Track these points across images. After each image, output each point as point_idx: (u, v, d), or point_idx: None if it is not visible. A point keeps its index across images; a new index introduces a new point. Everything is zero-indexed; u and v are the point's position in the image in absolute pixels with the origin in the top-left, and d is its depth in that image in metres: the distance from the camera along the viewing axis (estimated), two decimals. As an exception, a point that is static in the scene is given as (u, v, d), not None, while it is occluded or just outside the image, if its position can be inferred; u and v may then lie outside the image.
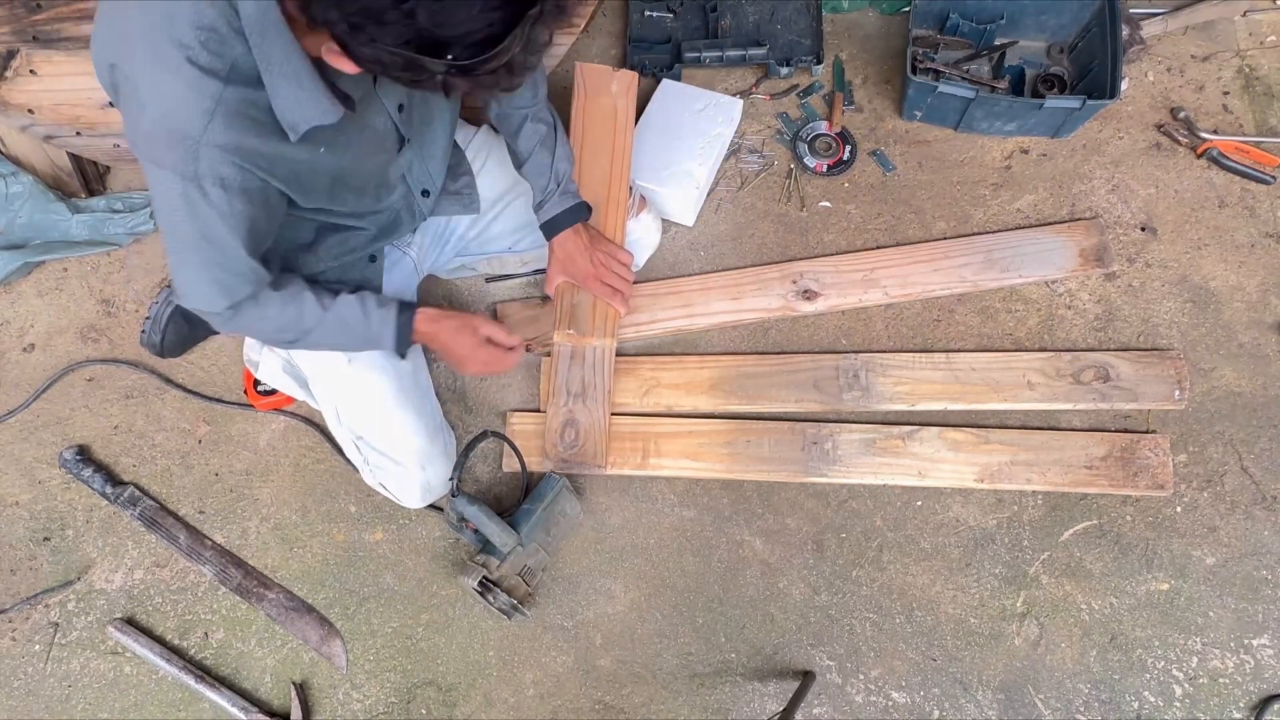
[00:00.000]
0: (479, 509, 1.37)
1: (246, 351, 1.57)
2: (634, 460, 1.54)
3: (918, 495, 1.53)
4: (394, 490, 1.47)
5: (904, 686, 1.43)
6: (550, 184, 1.42)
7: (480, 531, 1.39)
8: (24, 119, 1.60)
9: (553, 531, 1.47)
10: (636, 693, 1.46)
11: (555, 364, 1.56)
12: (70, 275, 1.79)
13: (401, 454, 1.43)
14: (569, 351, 1.56)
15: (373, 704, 1.47)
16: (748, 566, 1.51)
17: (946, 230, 1.71)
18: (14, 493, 1.63)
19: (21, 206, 1.74)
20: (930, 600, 1.47)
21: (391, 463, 1.44)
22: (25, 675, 1.51)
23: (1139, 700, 1.40)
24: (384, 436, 1.43)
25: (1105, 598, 1.45)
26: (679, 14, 1.90)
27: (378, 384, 1.41)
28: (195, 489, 1.61)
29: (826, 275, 1.67)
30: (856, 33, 1.90)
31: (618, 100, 1.60)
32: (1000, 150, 1.77)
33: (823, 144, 1.79)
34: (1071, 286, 1.65)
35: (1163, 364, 1.56)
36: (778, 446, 1.54)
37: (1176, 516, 1.49)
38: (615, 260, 1.52)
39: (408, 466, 1.44)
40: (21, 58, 1.56)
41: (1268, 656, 1.41)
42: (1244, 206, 1.69)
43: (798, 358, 1.61)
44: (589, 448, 1.52)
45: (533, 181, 1.44)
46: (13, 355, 1.73)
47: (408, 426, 1.43)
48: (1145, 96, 1.79)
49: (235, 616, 1.53)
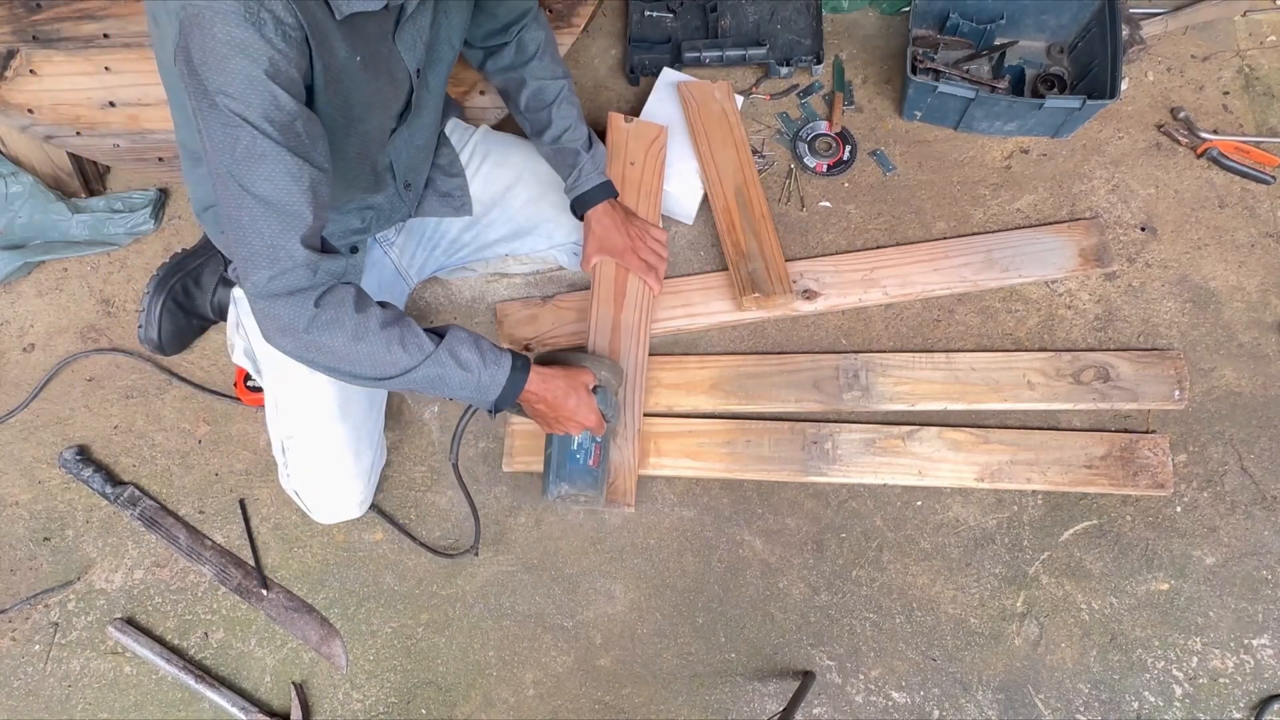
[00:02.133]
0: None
1: (228, 334, 1.49)
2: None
3: (918, 495, 1.53)
4: (306, 502, 1.44)
5: (904, 686, 1.43)
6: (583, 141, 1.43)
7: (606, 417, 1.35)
8: (24, 119, 1.60)
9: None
10: (636, 693, 1.46)
11: None
12: (70, 275, 1.79)
13: (323, 470, 1.39)
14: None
15: (373, 704, 1.47)
16: (748, 566, 1.51)
17: (946, 230, 1.71)
18: (14, 493, 1.63)
19: (21, 206, 1.74)
20: (930, 600, 1.47)
21: (311, 475, 1.40)
22: (25, 675, 1.51)
23: (1139, 700, 1.40)
24: (313, 444, 1.38)
25: (1105, 598, 1.45)
26: (679, 14, 1.90)
27: (325, 389, 1.35)
28: (195, 489, 1.61)
29: (826, 275, 1.67)
30: (856, 33, 1.90)
31: (724, 104, 1.74)
32: (1000, 150, 1.77)
33: (823, 144, 1.79)
34: (1071, 286, 1.65)
35: (1163, 364, 1.56)
36: (778, 446, 1.54)
37: (1176, 516, 1.49)
38: (649, 236, 1.53)
39: (326, 483, 1.40)
40: (21, 58, 1.56)
41: (1268, 656, 1.41)
42: (1244, 206, 1.69)
43: (798, 358, 1.61)
44: (619, 485, 1.50)
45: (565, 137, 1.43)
46: (13, 355, 1.73)
47: (340, 440, 1.38)
48: (1145, 96, 1.79)
49: (235, 616, 1.53)
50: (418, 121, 1.28)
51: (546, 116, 1.43)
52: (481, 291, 1.72)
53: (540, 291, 1.71)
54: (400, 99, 1.20)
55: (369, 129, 1.18)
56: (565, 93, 1.44)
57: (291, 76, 0.95)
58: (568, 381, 1.26)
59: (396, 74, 1.14)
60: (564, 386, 1.25)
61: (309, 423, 1.37)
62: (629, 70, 1.87)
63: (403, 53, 1.13)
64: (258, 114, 0.93)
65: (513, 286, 1.71)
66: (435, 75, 1.25)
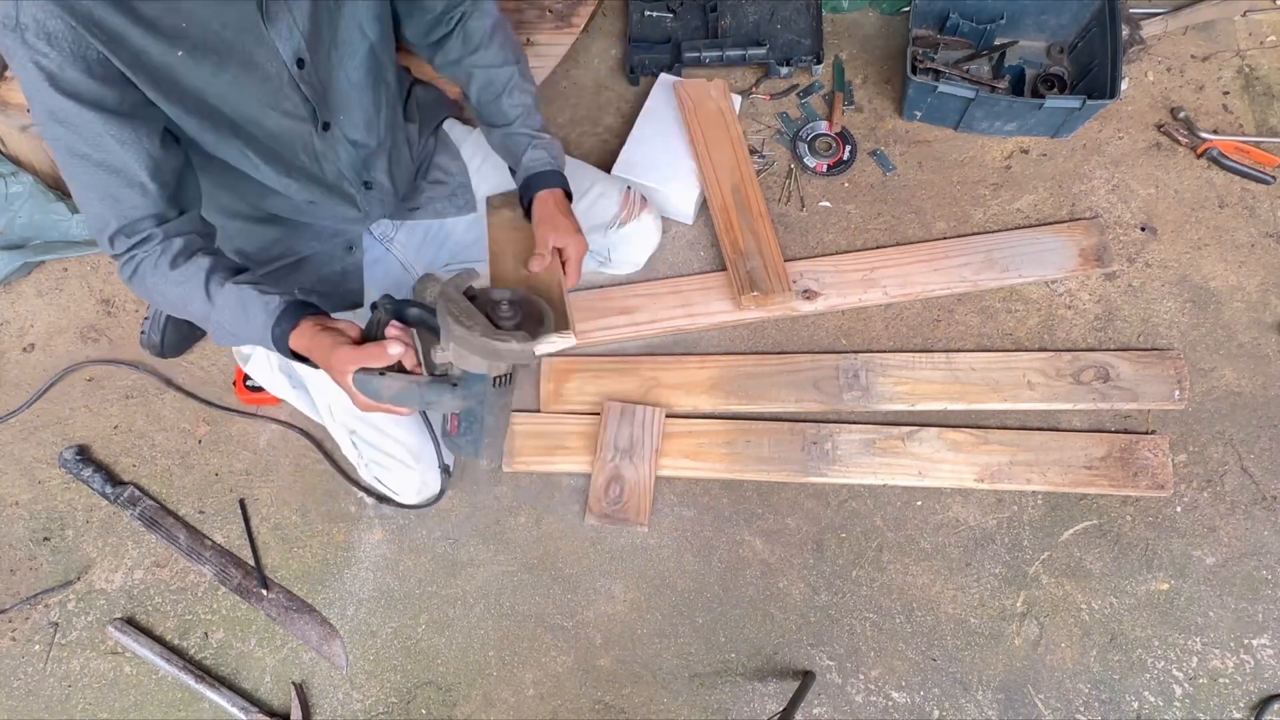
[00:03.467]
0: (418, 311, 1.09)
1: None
2: (634, 460, 1.55)
3: (918, 495, 1.53)
4: (390, 485, 1.47)
5: (904, 686, 1.43)
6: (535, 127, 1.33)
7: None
8: (24, 119, 1.60)
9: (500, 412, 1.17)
10: (636, 693, 1.46)
11: (605, 420, 1.56)
12: (70, 275, 1.79)
13: (395, 448, 1.42)
14: (619, 410, 1.56)
15: (373, 704, 1.47)
16: (748, 566, 1.51)
17: (946, 230, 1.71)
18: (14, 493, 1.63)
19: (21, 206, 1.74)
20: (930, 600, 1.47)
21: (386, 456, 1.43)
22: (25, 675, 1.51)
23: (1139, 700, 1.40)
24: (377, 431, 1.41)
25: (1105, 598, 1.45)
26: (679, 14, 1.90)
27: None
28: (195, 489, 1.61)
29: (826, 275, 1.67)
30: (856, 33, 1.90)
31: (720, 102, 1.74)
32: (1000, 150, 1.77)
33: (823, 144, 1.79)
34: (1071, 286, 1.65)
35: (1163, 364, 1.56)
36: (778, 446, 1.54)
37: (1176, 516, 1.49)
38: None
39: (403, 460, 1.43)
40: (21, 58, 1.56)
41: (1268, 656, 1.41)
42: (1244, 206, 1.69)
43: (798, 358, 1.61)
44: (632, 505, 1.51)
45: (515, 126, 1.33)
46: (13, 355, 1.73)
47: (400, 420, 1.41)
48: (1145, 96, 1.79)
49: (235, 616, 1.53)
50: (345, 119, 1.21)
51: (497, 109, 1.34)
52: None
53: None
54: (287, 94, 1.11)
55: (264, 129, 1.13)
56: (515, 79, 1.34)
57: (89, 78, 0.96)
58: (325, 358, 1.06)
59: (264, 66, 1.06)
60: (322, 360, 1.07)
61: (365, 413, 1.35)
62: (629, 70, 1.87)
63: (275, 41, 1.05)
64: (43, 114, 0.98)
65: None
66: (345, 68, 1.16)
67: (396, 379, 1.04)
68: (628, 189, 1.57)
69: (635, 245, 1.59)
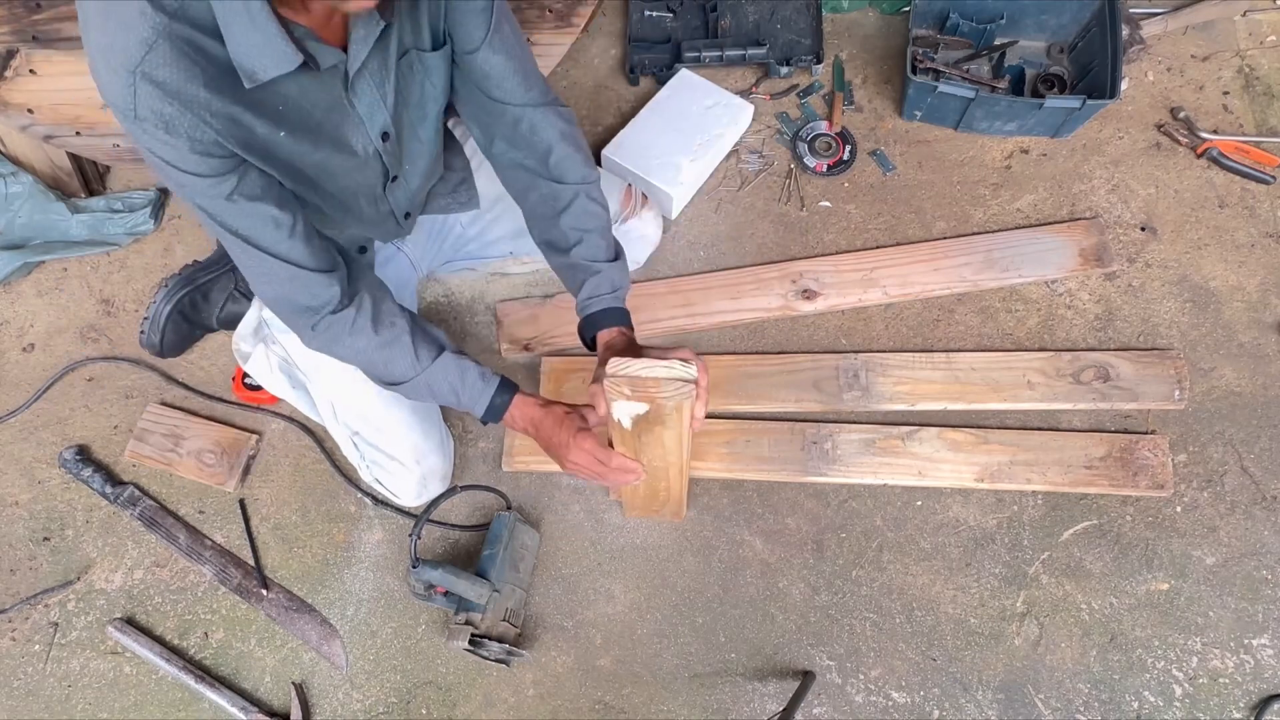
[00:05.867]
0: (444, 570, 1.32)
1: (236, 341, 1.50)
2: (634, 460, 1.54)
3: (918, 495, 1.53)
4: (390, 487, 1.47)
5: (904, 686, 1.43)
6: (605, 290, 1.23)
7: (452, 593, 1.35)
8: (24, 119, 1.60)
9: (520, 567, 1.45)
10: (636, 693, 1.46)
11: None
12: (70, 275, 1.79)
13: (397, 450, 1.43)
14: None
15: (373, 704, 1.47)
16: (748, 566, 1.51)
17: (946, 230, 1.71)
18: (14, 493, 1.63)
19: (21, 206, 1.74)
20: (930, 600, 1.47)
21: (387, 458, 1.43)
22: (25, 675, 1.51)
23: (1139, 700, 1.40)
24: (379, 432, 1.42)
25: (1105, 598, 1.45)
26: (679, 14, 1.90)
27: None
28: (195, 489, 1.61)
29: (826, 275, 1.67)
30: (856, 33, 1.90)
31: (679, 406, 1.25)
32: (1000, 150, 1.77)
33: (823, 144, 1.79)
34: (1071, 286, 1.65)
35: (1163, 364, 1.56)
36: (777, 446, 1.54)
37: (1176, 516, 1.49)
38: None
39: (404, 462, 1.43)
40: (21, 57, 1.56)
41: (1268, 656, 1.41)
42: (1244, 206, 1.69)
43: (797, 357, 1.61)
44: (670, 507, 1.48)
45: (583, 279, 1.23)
46: (12, 355, 1.73)
47: (402, 422, 1.42)
48: (1145, 96, 1.79)
49: (235, 616, 1.53)
50: (410, 169, 1.25)
51: (555, 226, 1.24)
52: (481, 291, 1.72)
53: (540, 291, 1.71)
54: (369, 169, 1.16)
55: (343, 191, 1.18)
56: (582, 199, 1.23)
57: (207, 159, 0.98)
58: (556, 419, 1.20)
59: (352, 143, 1.10)
60: (551, 423, 1.20)
61: (369, 414, 1.41)
62: (629, 70, 1.87)
63: (363, 118, 1.08)
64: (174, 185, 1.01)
65: (513, 286, 1.71)
66: (417, 132, 1.20)
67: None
68: (629, 186, 1.58)
69: (635, 243, 1.59)
